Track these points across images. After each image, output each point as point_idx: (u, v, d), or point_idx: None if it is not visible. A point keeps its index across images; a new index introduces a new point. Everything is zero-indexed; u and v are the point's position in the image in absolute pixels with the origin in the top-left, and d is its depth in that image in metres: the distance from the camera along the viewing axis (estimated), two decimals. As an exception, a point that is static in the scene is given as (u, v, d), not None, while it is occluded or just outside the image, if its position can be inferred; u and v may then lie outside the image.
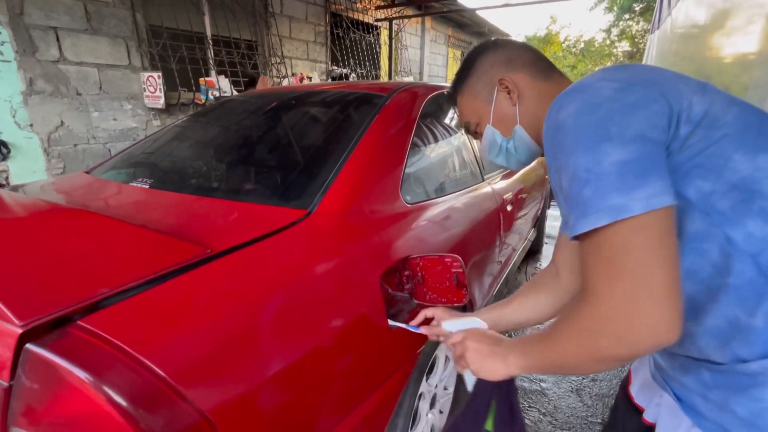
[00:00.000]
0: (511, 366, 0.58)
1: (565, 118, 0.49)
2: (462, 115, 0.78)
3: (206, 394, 0.55)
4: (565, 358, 0.50)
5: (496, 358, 0.60)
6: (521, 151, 0.72)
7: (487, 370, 0.61)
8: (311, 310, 0.71)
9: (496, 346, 0.61)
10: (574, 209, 0.46)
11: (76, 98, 2.68)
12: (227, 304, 0.62)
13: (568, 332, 0.49)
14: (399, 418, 1.00)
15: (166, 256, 0.64)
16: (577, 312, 0.47)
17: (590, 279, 0.46)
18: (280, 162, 1.10)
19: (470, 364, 0.63)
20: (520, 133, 0.70)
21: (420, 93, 1.40)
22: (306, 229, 0.82)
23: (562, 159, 0.49)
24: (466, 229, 1.32)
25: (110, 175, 1.27)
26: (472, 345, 0.63)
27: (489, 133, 0.73)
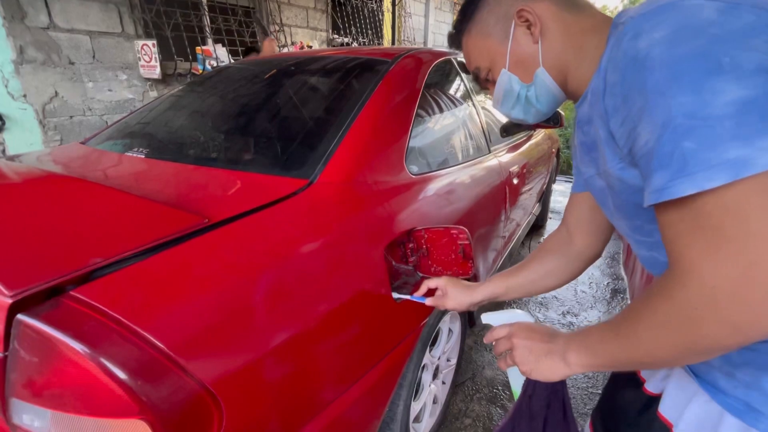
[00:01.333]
0: (572, 365, 0.50)
1: (649, 46, 0.38)
2: (470, 60, 0.64)
3: (207, 366, 0.54)
4: (652, 352, 0.41)
5: (554, 357, 0.51)
6: (543, 99, 0.59)
7: (543, 371, 0.52)
8: (313, 281, 0.69)
9: (551, 343, 0.53)
10: (664, 167, 0.36)
11: (69, 67, 2.60)
12: (227, 275, 0.60)
13: (654, 321, 0.40)
14: (402, 389, 1.01)
15: (163, 225, 0.61)
16: (666, 295, 0.39)
17: (684, 253, 0.37)
18: (280, 130, 1.06)
19: (521, 365, 0.54)
20: (542, 77, 0.57)
21: (425, 59, 1.34)
22: (307, 199, 0.78)
23: (640, 102, 0.39)
24: (472, 202, 1.29)
25: (105, 146, 1.23)
26: (523, 342, 0.55)
27: (504, 79, 0.59)
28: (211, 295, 0.57)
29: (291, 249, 0.68)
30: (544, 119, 0.65)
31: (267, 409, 0.62)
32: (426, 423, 1.25)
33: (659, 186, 0.37)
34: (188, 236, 0.60)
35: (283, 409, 0.65)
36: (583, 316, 2.09)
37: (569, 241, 0.71)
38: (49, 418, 0.49)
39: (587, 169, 0.58)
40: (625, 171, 0.46)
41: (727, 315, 0.35)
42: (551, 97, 0.59)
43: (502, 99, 0.63)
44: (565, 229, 0.72)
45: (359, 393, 0.80)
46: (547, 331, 0.55)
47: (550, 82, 0.57)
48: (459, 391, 1.57)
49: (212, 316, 0.56)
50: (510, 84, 0.60)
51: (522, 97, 0.60)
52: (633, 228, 0.53)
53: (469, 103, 1.62)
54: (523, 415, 0.60)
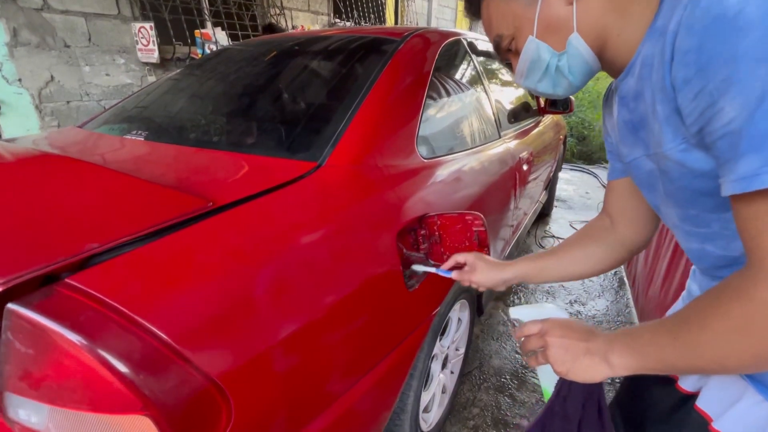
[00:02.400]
0: (616, 367, 0.45)
1: (741, 4, 0.32)
2: (490, 27, 0.56)
3: (214, 358, 0.50)
4: (721, 360, 0.37)
5: (594, 358, 0.46)
6: (577, 70, 0.51)
7: (581, 372, 0.47)
8: (323, 269, 0.65)
9: (590, 342, 0.47)
10: (757, 149, 0.32)
11: (65, 51, 2.52)
12: (233, 262, 0.56)
13: (726, 325, 0.36)
14: (413, 379, 0.98)
15: (164, 209, 0.57)
16: (744, 297, 0.35)
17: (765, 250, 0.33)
18: (286, 112, 1.01)
19: (557, 364, 0.49)
20: (577, 44, 0.49)
21: (435, 39, 1.28)
22: (316, 183, 0.74)
23: (725, 71, 0.33)
24: (483, 188, 1.24)
25: (103, 129, 1.18)
26: (558, 341, 0.49)
27: (532, 47, 0.51)
28: (216, 283, 0.53)
29: (300, 235, 0.65)
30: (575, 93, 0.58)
31: (276, 401, 0.58)
32: (435, 413, 1.23)
33: (748, 172, 0.32)
34: (192, 220, 0.56)
35: (293, 402, 0.62)
36: (591, 305, 2.06)
37: (612, 229, 0.66)
38: (46, 414, 0.46)
39: (631, 150, 0.52)
40: (689, 153, 0.40)
41: None
42: (586, 67, 0.52)
43: (528, 70, 0.54)
44: (608, 218, 0.67)
45: (370, 384, 0.77)
46: (584, 329, 0.50)
47: (586, 50, 0.49)
48: (466, 381, 1.55)
49: (218, 306, 0.52)
50: (538, 53, 0.52)
51: (552, 68, 0.52)
52: (685, 218, 0.48)
53: (480, 86, 1.57)
54: (555, 416, 0.56)
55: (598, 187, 4.05)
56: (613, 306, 2.06)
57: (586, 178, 4.39)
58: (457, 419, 1.38)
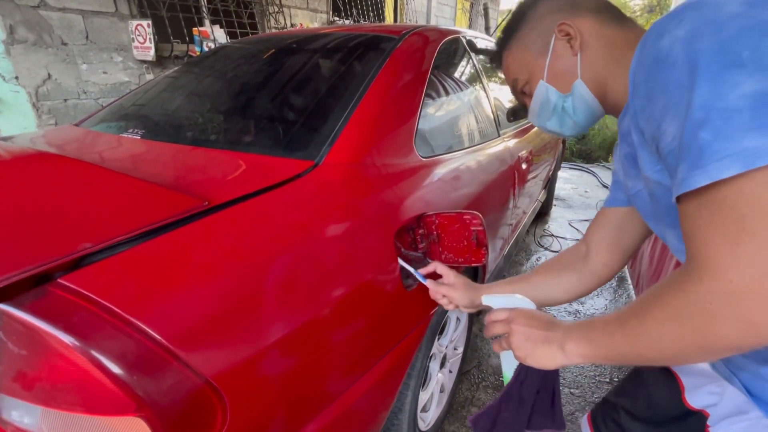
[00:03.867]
0: (570, 355, 0.49)
1: (670, 45, 0.38)
2: (509, 74, 0.67)
3: (209, 359, 0.50)
4: (659, 347, 0.40)
5: (551, 346, 0.51)
6: (580, 111, 0.60)
7: (538, 358, 0.52)
8: (320, 268, 0.65)
9: (550, 331, 0.52)
10: (684, 159, 0.36)
11: (62, 48, 2.51)
12: (228, 262, 0.55)
13: (664, 314, 0.39)
14: (411, 379, 0.98)
15: (158, 208, 0.57)
16: (680, 289, 0.38)
17: (702, 247, 0.36)
18: (283, 110, 1.00)
19: (517, 350, 0.54)
20: (580, 89, 0.58)
21: (434, 37, 1.27)
22: (313, 182, 0.74)
23: (663, 100, 0.39)
24: (482, 187, 1.24)
25: (100, 127, 1.17)
26: (521, 328, 0.54)
27: (542, 91, 0.61)
28: (212, 283, 0.53)
29: (297, 234, 0.64)
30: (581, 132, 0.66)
31: (273, 402, 0.58)
32: (433, 412, 1.23)
33: (681, 177, 0.37)
34: (186, 220, 0.56)
35: (290, 403, 0.61)
36: (590, 303, 2.06)
37: (586, 257, 0.70)
38: (39, 415, 0.45)
39: (634, 183, 0.56)
40: (663, 173, 0.45)
41: (745, 313, 0.33)
42: (588, 109, 0.60)
43: (539, 110, 0.64)
44: (584, 246, 0.71)
45: (368, 384, 0.76)
46: (546, 319, 0.55)
47: (588, 94, 0.58)
48: (465, 380, 1.55)
49: (212, 306, 0.51)
50: (547, 95, 0.61)
51: (558, 108, 0.61)
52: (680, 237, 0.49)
53: (479, 84, 1.56)
54: (512, 399, 0.60)
55: (597, 185, 4.05)
56: (612, 305, 2.06)
57: (586, 176, 4.39)
58: (456, 418, 1.38)
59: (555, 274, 0.72)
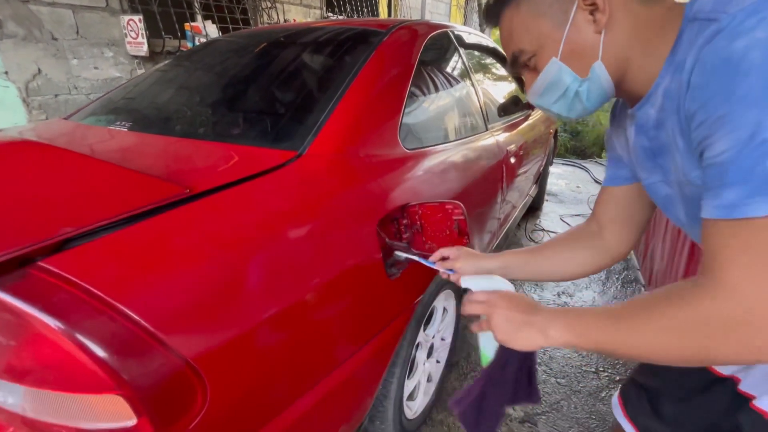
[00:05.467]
0: (551, 340, 0.49)
1: (747, 48, 0.34)
2: (510, 40, 0.55)
3: (189, 341, 0.51)
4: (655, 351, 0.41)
5: (532, 330, 0.50)
6: (594, 96, 0.52)
7: (520, 341, 0.52)
8: (301, 256, 0.66)
9: (531, 315, 0.51)
10: (741, 183, 0.35)
11: (52, 43, 2.50)
12: (209, 248, 0.57)
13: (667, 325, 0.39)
14: (396, 367, 1.00)
15: (140, 195, 0.58)
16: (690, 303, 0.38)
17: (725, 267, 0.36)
18: (268, 102, 1.01)
19: (498, 332, 0.53)
20: (600, 73, 0.50)
21: (421, 31, 1.28)
22: (296, 172, 0.75)
23: (724, 109, 0.36)
24: (468, 180, 1.26)
25: (89, 120, 1.18)
26: (502, 312, 0.53)
27: (554, 69, 0.51)
28: (192, 267, 0.54)
29: (278, 222, 0.66)
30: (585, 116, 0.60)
31: (253, 385, 0.60)
32: (420, 401, 1.25)
33: (732, 202, 0.36)
34: (168, 206, 0.57)
35: (271, 386, 0.63)
36: (578, 296, 2.09)
37: (599, 235, 0.67)
38: (21, 394, 0.47)
39: (649, 175, 0.55)
40: None
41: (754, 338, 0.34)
42: (602, 94, 0.53)
43: (545, 90, 0.54)
44: (596, 224, 0.68)
45: (351, 369, 0.78)
46: (528, 302, 0.54)
47: (606, 78, 0.50)
48: (454, 370, 1.57)
49: (193, 289, 0.53)
50: (559, 75, 0.52)
51: (571, 92, 0.53)
52: None
53: (467, 79, 1.58)
54: (495, 382, 0.61)
55: (589, 181, 4.08)
56: (601, 297, 2.09)
57: (578, 172, 4.42)
58: (443, 408, 1.40)
59: (569, 248, 0.69)
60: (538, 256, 0.70)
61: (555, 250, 0.70)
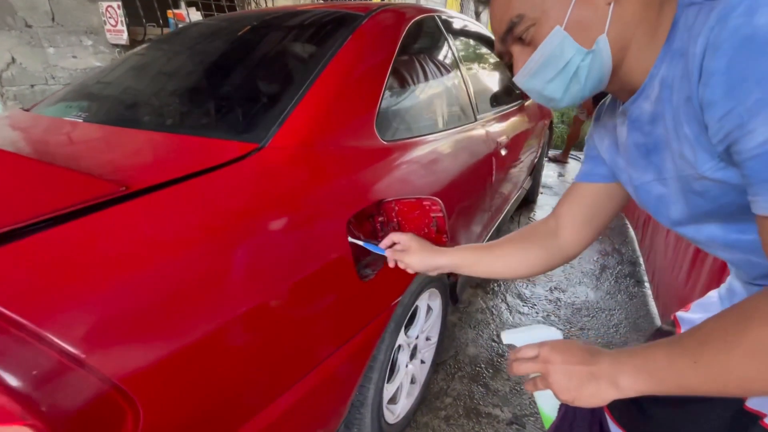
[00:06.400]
0: (625, 390, 0.42)
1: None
2: (508, 5, 0.48)
3: (116, 361, 0.45)
4: (746, 380, 0.36)
5: (600, 383, 0.43)
6: (594, 75, 0.47)
7: (587, 398, 0.44)
8: (257, 258, 0.60)
9: (594, 365, 0.44)
10: None
11: (26, 31, 2.39)
12: (145, 252, 0.50)
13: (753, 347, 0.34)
14: (373, 372, 0.94)
15: (64, 196, 0.51)
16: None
17: None
18: (233, 91, 0.94)
19: (561, 393, 0.46)
20: (603, 47, 0.45)
21: (405, 14, 1.20)
22: (255, 166, 0.68)
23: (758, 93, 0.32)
24: (454, 173, 1.19)
25: (48, 111, 1.11)
26: (560, 367, 0.46)
27: (556, 40, 0.45)
28: (123, 276, 0.48)
29: (230, 222, 0.59)
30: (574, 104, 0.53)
31: (199, 404, 0.54)
32: (403, 403, 1.20)
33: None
34: (96, 207, 0.51)
35: (221, 403, 0.57)
36: (571, 291, 2.05)
37: (555, 234, 0.65)
38: None
39: (641, 174, 0.51)
40: (728, 170, 0.39)
41: None
42: (601, 74, 0.47)
43: (541, 66, 0.48)
44: (554, 221, 0.66)
45: (319, 379, 0.73)
46: (585, 350, 0.46)
47: (608, 56, 0.45)
48: (440, 370, 1.52)
49: (122, 301, 0.47)
50: (562, 46, 0.45)
51: (572, 68, 0.46)
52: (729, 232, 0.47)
53: (454, 67, 1.50)
54: None
55: (585, 173, 4.03)
56: (593, 293, 2.04)
57: (574, 164, 4.36)
58: (429, 409, 1.36)
59: (521, 247, 0.67)
60: (490, 255, 0.68)
61: (508, 249, 0.68)
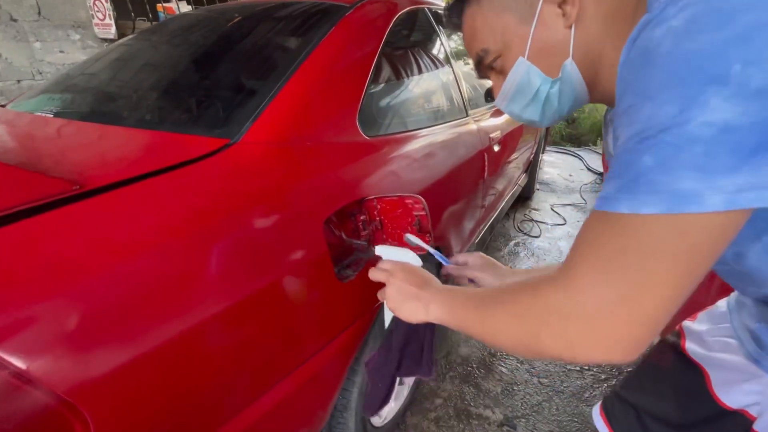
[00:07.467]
0: (430, 315, 0.53)
1: (662, 37, 0.31)
2: (474, 39, 0.51)
3: (62, 373, 0.42)
4: (496, 333, 0.43)
5: (417, 303, 0.54)
6: (566, 99, 0.48)
7: (405, 312, 0.56)
8: (223, 259, 0.57)
9: (420, 289, 0.55)
10: (617, 176, 0.33)
11: (12, 25, 2.35)
12: (97, 257, 0.47)
13: (511, 307, 0.41)
14: (357, 375, 0.91)
15: (6, 195, 0.48)
16: (537, 290, 0.39)
17: (575, 260, 0.36)
18: (206, 84, 0.90)
19: (389, 301, 0.58)
20: (571, 72, 0.45)
21: (392, 7, 1.16)
22: (224, 162, 0.65)
23: (628, 103, 0.34)
24: (442, 169, 1.16)
25: (22, 106, 1.07)
26: (396, 282, 0.57)
27: (521, 70, 0.47)
28: (70, 281, 0.44)
29: (194, 222, 0.56)
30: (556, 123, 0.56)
31: (157, 415, 0.51)
32: (390, 406, 1.17)
33: (605, 194, 0.34)
34: (43, 208, 0.47)
35: (183, 413, 0.54)
36: (566, 290, 2.02)
37: None
38: None
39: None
40: None
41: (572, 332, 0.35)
42: (574, 97, 0.48)
43: (514, 95, 0.50)
44: None
45: (295, 385, 0.70)
46: (423, 277, 0.57)
47: (578, 79, 0.46)
48: (431, 370, 1.50)
49: (67, 307, 0.43)
50: (528, 77, 0.48)
51: (542, 95, 0.48)
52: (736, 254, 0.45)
53: (445, 60, 1.46)
54: (385, 348, 0.67)
55: (581, 169, 3.99)
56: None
57: (571, 160, 4.32)
58: (419, 410, 1.33)
59: None
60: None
61: None
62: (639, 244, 0.31)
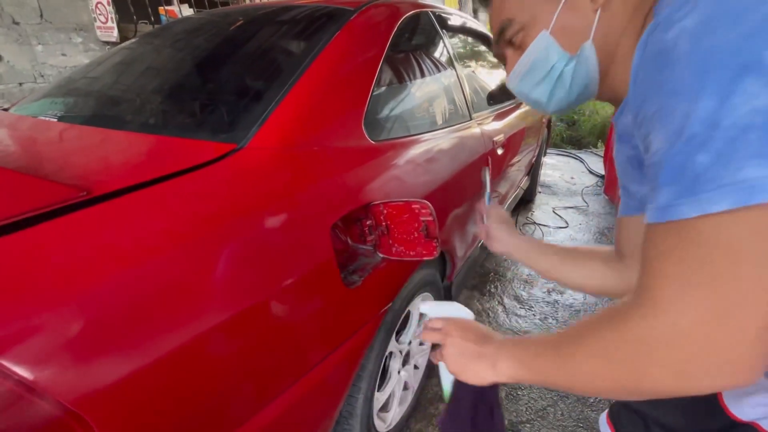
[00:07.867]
0: (500, 374, 0.47)
1: (677, 38, 0.32)
2: (501, 9, 0.51)
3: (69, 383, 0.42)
4: (586, 381, 0.38)
5: (483, 363, 0.49)
6: (579, 81, 0.49)
7: (470, 374, 0.50)
8: (229, 265, 0.56)
9: (482, 347, 0.50)
10: (672, 182, 0.31)
11: (14, 28, 2.34)
12: (105, 265, 0.46)
13: (597, 349, 0.36)
14: (362, 381, 0.91)
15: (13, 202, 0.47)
16: (620, 323, 0.35)
17: (655, 280, 0.33)
18: (214, 89, 0.90)
19: (450, 365, 0.52)
20: (589, 54, 0.46)
21: (397, 10, 1.16)
22: (231, 168, 0.64)
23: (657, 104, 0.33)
24: (447, 173, 1.15)
25: (25, 110, 1.06)
26: (456, 341, 0.52)
27: (542, 44, 0.48)
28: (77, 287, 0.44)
29: (201, 228, 0.55)
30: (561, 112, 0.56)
31: (171, 420, 0.50)
32: (395, 411, 1.16)
33: (663, 203, 0.32)
34: (50, 215, 0.47)
35: (197, 418, 0.53)
36: (569, 293, 2.01)
37: (624, 266, 0.62)
38: None
39: (639, 187, 0.50)
40: None
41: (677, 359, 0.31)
42: (587, 82, 0.48)
43: (529, 69, 0.50)
44: (619, 256, 0.63)
45: (301, 392, 0.69)
46: (481, 333, 0.52)
47: (593, 63, 0.47)
48: (435, 375, 1.49)
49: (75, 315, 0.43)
50: (547, 51, 0.48)
51: (556, 72, 0.49)
52: None
53: (449, 64, 1.46)
54: (451, 416, 0.60)
55: (583, 172, 3.98)
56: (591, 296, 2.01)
57: (573, 163, 4.32)
58: (423, 415, 1.32)
59: (601, 262, 0.64)
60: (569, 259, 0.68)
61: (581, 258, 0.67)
62: (720, 249, 0.29)
